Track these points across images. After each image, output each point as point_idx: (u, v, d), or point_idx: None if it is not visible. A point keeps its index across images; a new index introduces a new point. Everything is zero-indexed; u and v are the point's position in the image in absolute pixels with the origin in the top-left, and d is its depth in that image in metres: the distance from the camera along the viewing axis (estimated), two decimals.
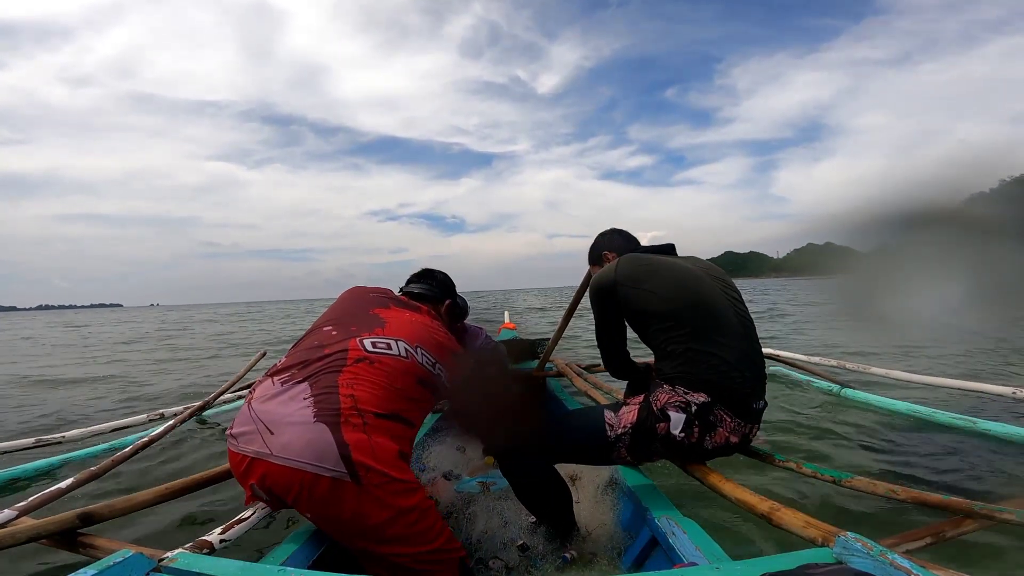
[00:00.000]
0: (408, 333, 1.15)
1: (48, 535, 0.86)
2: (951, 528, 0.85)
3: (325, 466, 0.86)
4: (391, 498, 0.89)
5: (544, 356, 2.50)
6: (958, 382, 2.24)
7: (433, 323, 1.25)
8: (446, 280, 1.51)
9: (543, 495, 1.19)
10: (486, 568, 1.11)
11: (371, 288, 1.35)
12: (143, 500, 1.02)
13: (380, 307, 1.24)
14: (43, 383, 4.79)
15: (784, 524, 0.84)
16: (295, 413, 0.91)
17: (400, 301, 1.30)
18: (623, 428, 1.12)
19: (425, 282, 1.46)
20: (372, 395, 0.97)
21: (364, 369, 1.01)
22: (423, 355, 1.12)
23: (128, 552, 0.65)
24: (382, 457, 0.90)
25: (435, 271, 1.51)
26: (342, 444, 0.87)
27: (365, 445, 0.89)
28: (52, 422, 3.07)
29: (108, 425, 2.24)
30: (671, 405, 1.09)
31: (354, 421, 0.91)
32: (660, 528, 0.99)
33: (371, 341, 1.08)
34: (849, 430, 2.28)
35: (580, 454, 1.21)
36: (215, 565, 0.66)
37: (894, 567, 0.58)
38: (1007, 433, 1.80)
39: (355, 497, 0.87)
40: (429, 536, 0.93)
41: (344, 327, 1.13)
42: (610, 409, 1.19)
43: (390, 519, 0.89)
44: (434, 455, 1.82)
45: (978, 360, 3.96)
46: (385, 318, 1.18)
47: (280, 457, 0.88)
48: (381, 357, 1.05)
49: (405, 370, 1.07)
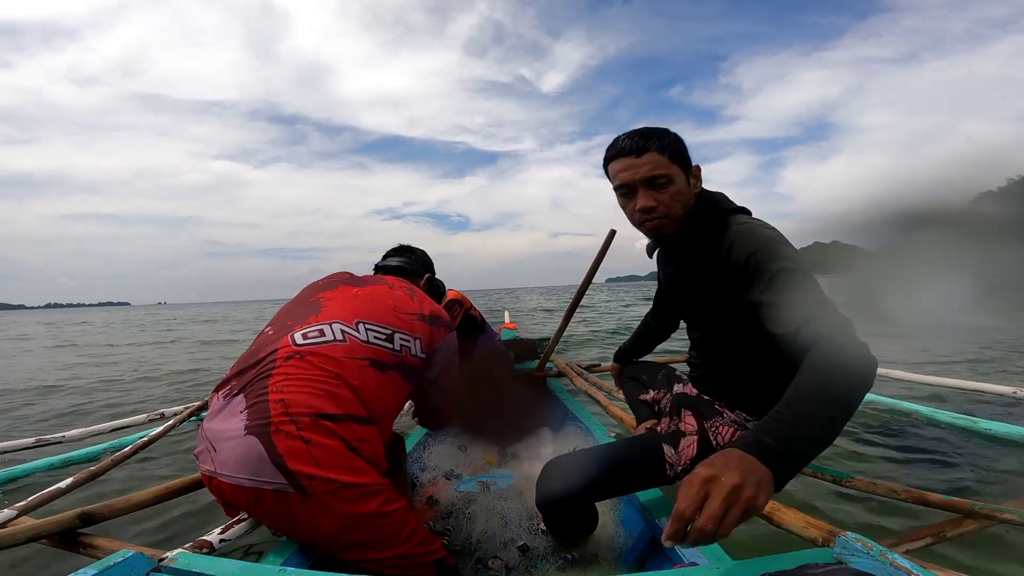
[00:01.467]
0: (347, 311, 1.01)
1: (48, 535, 0.86)
2: (952, 528, 0.85)
3: (263, 479, 0.81)
4: (343, 505, 0.82)
5: (544, 356, 2.50)
6: (958, 381, 2.24)
7: (393, 292, 1.11)
8: (425, 256, 1.42)
9: (577, 527, 1.12)
10: (486, 568, 1.11)
11: (333, 274, 1.22)
12: (143, 500, 1.02)
13: (326, 290, 1.11)
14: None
15: (784, 524, 0.84)
16: (231, 428, 0.85)
17: (358, 278, 1.18)
18: (683, 465, 0.95)
19: (404, 256, 1.37)
20: (305, 395, 0.86)
21: (295, 367, 0.90)
22: (369, 330, 0.99)
23: (128, 552, 0.65)
24: (326, 461, 0.82)
25: (413, 247, 1.42)
26: (276, 455, 0.80)
27: (303, 452, 0.81)
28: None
29: (108, 425, 2.24)
30: (731, 434, 0.95)
31: (286, 428, 0.82)
32: (661, 528, 0.99)
33: (302, 333, 0.96)
34: (849, 429, 2.28)
35: (632, 488, 1.07)
36: (215, 565, 0.66)
37: (894, 567, 0.58)
38: (1008, 432, 1.79)
39: (302, 507, 0.82)
40: (394, 541, 0.87)
41: (281, 324, 1.02)
42: (668, 443, 0.98)
43: (345, 526, 0.83)
44: (435, 454, 1.82)
45: (986, 362, 3.95)
46: (325, 301, 1.05)
47: (223, 474, 0.84)
48: (313, 348, 0.93)
49: (345, 355, 0.94)
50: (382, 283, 1.15)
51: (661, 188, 0.92)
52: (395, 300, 1.09)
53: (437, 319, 1.13)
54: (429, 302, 1.17)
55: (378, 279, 1.19)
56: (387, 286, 1.14)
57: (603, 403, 1.78)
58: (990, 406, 2.48)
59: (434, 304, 1.17)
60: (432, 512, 1.40)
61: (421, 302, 1.13)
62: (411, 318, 1.07)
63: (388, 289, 1.12)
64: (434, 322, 1.11)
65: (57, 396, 3.90)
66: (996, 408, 2.44)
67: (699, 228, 0.95)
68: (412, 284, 1.23)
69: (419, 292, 1.19)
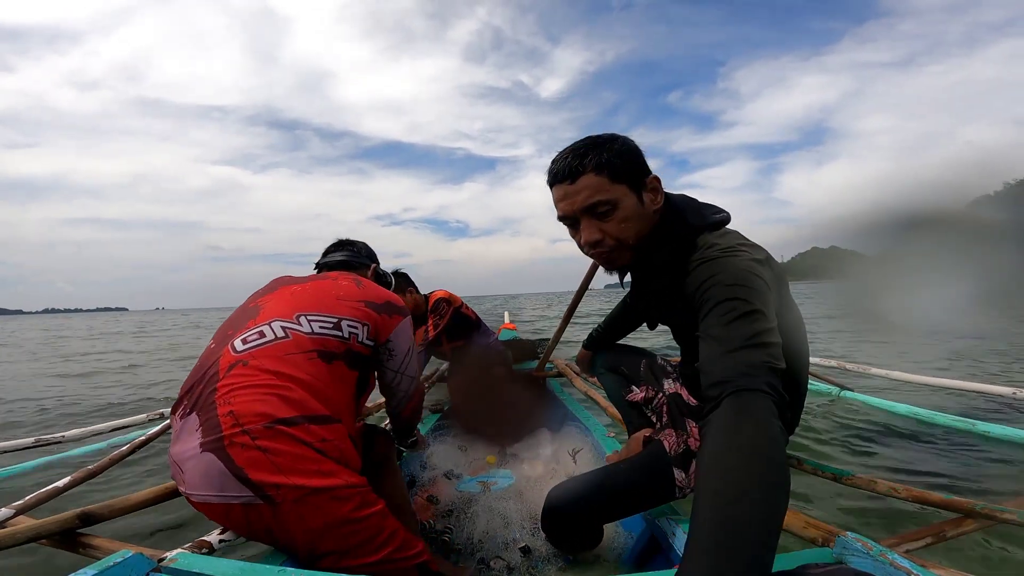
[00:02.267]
0: (286, 307, 0.98)
1: (48, 535, 0.86)
2: (952, 528, 0.85)
3: (229, 494, 0.78)
4: (313, 512, 0.79)
5: (544, 356, 2.50)
6: (958, 382, 2.24)
7: (337, 283, 1.08)
8: (367, 248, 1.40)
9: (583, 544, 1.06)
10: (487, 568, 1.11)
11: (274, 279, 1.17)
12: (142, 500, 1.02)
13: (266, 294, 1.07)
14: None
15: (784, 524, 0.83)
16: (190, 448, 0.81)
17: (299, 278, 1.15)
18: (692, 487, 0.87)
19: (345, 250, 1.35)
20: (254, 402, 0.81)
21: (239, 375, 0.85)
22: (313, 321, 0.95)
23: (128, 552, 0.65)
24: (290, 467, 0.78)
25: (354, 240, 1.40)
26: (235, 468, 0.77)
27: (262, 461, 0.77)
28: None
29: (107, 424, 2.24)
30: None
31: (240, 440, 0.78)
32: (660, 528, 0.99)
33: (241, 339, 0.91)
34: (849, 432, 2.28)
35: (641, 509, 1.00)
36: (215, 565, 0.66)
37: (894, 567, 0.58)
38: (1007, 435, 1.80)
39: (274, 519, 0.79)
40: (369, 548, 0.83)
41: (222, 335, 0.97)
42: (678, 467, 0.90)
43: (319, 533, 0.80)
44: (435, 454, 1.82)
45: (984, 364, 3.96)
46: (264, 304, 1.01)
47: (193, 494, 0.82)
48: (254, 352, 0.88)
49: (290, 351, 0.89)
50: (325, 278, 1.12)
51: (604, 217, 0.79)
52: (339, 290, 1.05)
53: (390, 306, 1.09)
54: (378, 289, 1.13)
55: (322, 276, 1.15)
56: (331, 280, 1.11)
57: (602, 403, 1.78)
58: (990, 407, 2.48)
59: (385, 291, 1.14)
60: (432, 511, 1.40)
61: (368, 290, 1.10)
62: (358, 305, 1.04)
63: (332, 282, 1.09)
64: (385, 309, 1.08)
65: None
66: (996, 409, 2.44)
67: (660, 254, 0.82)
68: (358, 276, 1.19)
69: (367, 282, 1.15)
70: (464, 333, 2.71)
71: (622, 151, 0.79)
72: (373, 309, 1.05)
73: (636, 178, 0.81)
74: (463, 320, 2.70)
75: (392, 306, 1.10)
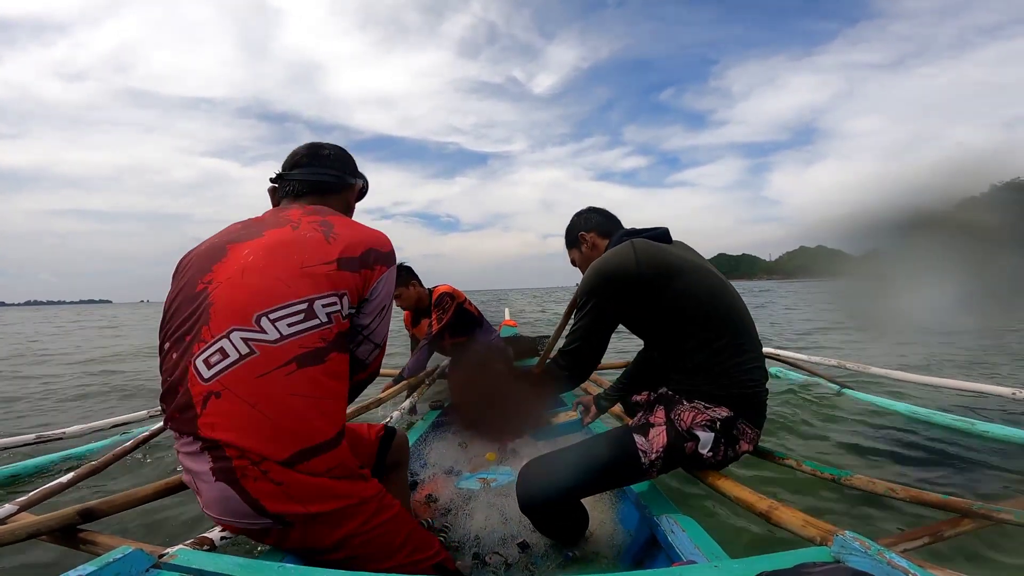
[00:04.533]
0: (238, 305, 0.76)
1: (48, 531, 0.86)
2: (949, 528, 0.86)
3: (247, 520, 0.77)
4: (329, 530, 0.77)
5: (544, 354, 2.49)
6: (958, 382, 2.24)
7: (299, 235, 0.83)
8: (344, 156, 1.02)
9: (567, 527, 1.13)
10: (485, 564, 1.11)
11: (223, 230, 0.91)
12: (143, 496, 1.02)
13: (214, 263, 0.82)
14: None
15: (782, 523, 0.84)
16: (202, 471, 0.75)
17: (252, 227, 0.87)
18: (656, 453, 1.02)
19: (315, 164, 0.97)
20: (246, 439, 0.72)
21: (217, 412, 0.73)
22: (277, 323, 0.76)
23: (128, 548, 0.65)
24: (306, 497, 0.75)
25: (330, 147, 1.02)
26: (251, 500, 0.74)
27: (277, 493, 0.73)
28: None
29: (108, 421, 2.25)
30: (697, 424, 1.02)
31: (252, 473, 0.73)
32: (659, 526, 0.99)
33: (204, 359, 0.75)
34: (848, 430, 2.29)
35: (612, 484, 1.12)
36: (215, 561, 0.66)
37: (892, 566, 0.58)
38: (1005, 435, 1.80)
39: (291, 534, 0.78)
40: (382, 554, 0.81)
41: (178, 341, 0.79)
42: (639, 433, 1.05)
43: (335, 544, 0.78)
44: (435, 451, 1.82)
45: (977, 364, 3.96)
46: (212, 293, 0.78)
47: (211, 515, 0.80)
48: (223, 379, 0.74)
49: (262, 371, 0.74)
50: (284, 224, 0.86)
51: (575, 263, 1.39)
52: (302, 253, 0.80)
53: (371, 255, 0.85)
54: (354, 232, 0.87)
55: (278, 219, 0.88)
56: (290, 226, 0.85)
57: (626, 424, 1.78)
58: (990, 407, 2.48)
59: (363, 233, 0.88)
60: (431, 509, 1.40)
61: (342, 238, 0.84)
62: (330, 269, 0.80)
63: (292, 233, 0.83)
64: (365, 262, 0.85)
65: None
66: (995, 409, 2.44)
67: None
68: (328, 208, 0.94)
69: (339, 222, 0.88)
70: (467, 329, 2.71)
71: (569, 228, 1.39)
72: (350, 268, 0.82)
73: (576, 242, 1.35)
74: (466, 316, 2.70)
75: (374, 254, 0.86)
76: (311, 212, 0.90)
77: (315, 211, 0.91)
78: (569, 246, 1.37)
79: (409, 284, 2.60)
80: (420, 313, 2.75)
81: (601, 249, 1.28)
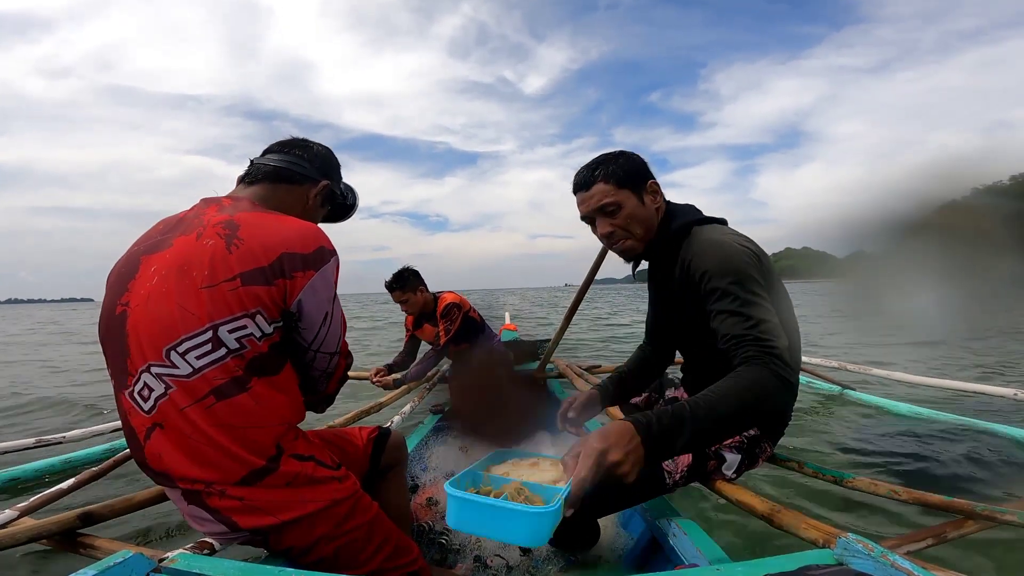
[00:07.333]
0: (149, 336, 0.71)
1: (48, 535, 0.86)
2: (953, 529, 0.85)
3: (226, 534, 0.78)
4: (300, 532, 0.77)
5: (545, 357, 2.50)
6: (959, 383, 2.24)
7: (201, 245, 0.73)
8: (322, 154, 0.95)
9: (580, 543, 1.10)
10: (486, 567, 1.11)
11: (142, 236, 0.82)
12: (143, 500, 1.02)
13: (129, 280, 0.76)
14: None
15: (785, 525, 0.83)
16: (173, 492, 0.77)
17: (167, 234, 0.78)
18: (681, 472, 0.97)
19: (285, 152, 0.91)
20: (194, 469, 0.71)
21: (162, 441, 0.72)
22: (185, 356, 0.70)
23: (128, 552, 0.65)
24: (275, 508, 0.75)
25: (308, 142, 0.96)
26: (223, 517, 0.74)
27: (244, 508, 0.74)
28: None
29: (109, 425, 2.24)
30: (726, 445, 0.98)
31: (215, 493, 0.73)
32: (661, 529, 0.99)
33: (136, 393, 0.72)
34: (851, 431, 2.28)
35: (633, 503, 1.05)
36: (215, 566, 0.66)
37: (895, 568, 0.57)
38: (1009, 434, 1.79)
39: (270, 540, 0.78)
40: (353, 560, 0.81)
41: (117, 372, 0.75)
42: None
43: (308, 548, 0.79)
44: (436, 455, 1.82)
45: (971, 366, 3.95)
46: (129, 317, 0.73)
47: (194, 528, 0.81)
48: (160, 410, 0.71)
49: (185, 404, 0.70)
50: (191, 231, 0.75)
51: (612, 215, 0.97)
52: (201, 269, 0.71)
53: (285, 260, 0.73)
54: (265, 234, 0.74)
55: (192, 222, 0.78)
56: (195, 234, 0.75)
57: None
58: (990, 407, 2.48)
59: (276, 233, 0.75)
60: (432, 512, 1.39)
61: (245, 244, 0.72)
62: (232, 287, 0.70)
63: (194, 244, 0.73)
64: (278, 271, 0.73)
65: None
66: (996, 409, 2.44)
67: (663, 242, 0.99)
68: (263, 199, 0.84)
69: (251, 220, 0.76)
70: (469, 336, 2.71)
71: (626, 163, 0.97)
72: (258, 282, 0.72)
73: (638, 184, 0.98)
74: (470, 323, 2.71)
75: (290, 259, 0.74)
76: (227, 208, 0.80)
77: (233, 205, 0.81)
78: (621, 184, 0.96)
79: (417, 290, 2.61)
80: (423, 317, 2.76)
81: (663, 211, 1.01)
